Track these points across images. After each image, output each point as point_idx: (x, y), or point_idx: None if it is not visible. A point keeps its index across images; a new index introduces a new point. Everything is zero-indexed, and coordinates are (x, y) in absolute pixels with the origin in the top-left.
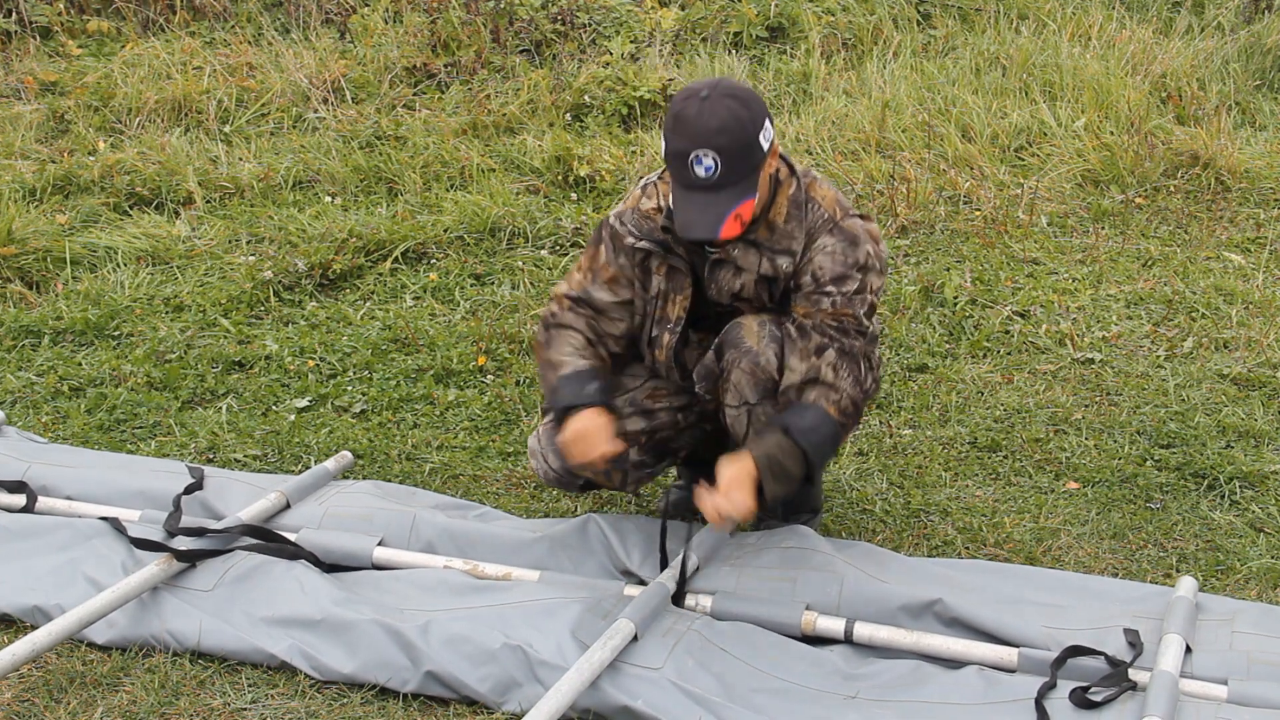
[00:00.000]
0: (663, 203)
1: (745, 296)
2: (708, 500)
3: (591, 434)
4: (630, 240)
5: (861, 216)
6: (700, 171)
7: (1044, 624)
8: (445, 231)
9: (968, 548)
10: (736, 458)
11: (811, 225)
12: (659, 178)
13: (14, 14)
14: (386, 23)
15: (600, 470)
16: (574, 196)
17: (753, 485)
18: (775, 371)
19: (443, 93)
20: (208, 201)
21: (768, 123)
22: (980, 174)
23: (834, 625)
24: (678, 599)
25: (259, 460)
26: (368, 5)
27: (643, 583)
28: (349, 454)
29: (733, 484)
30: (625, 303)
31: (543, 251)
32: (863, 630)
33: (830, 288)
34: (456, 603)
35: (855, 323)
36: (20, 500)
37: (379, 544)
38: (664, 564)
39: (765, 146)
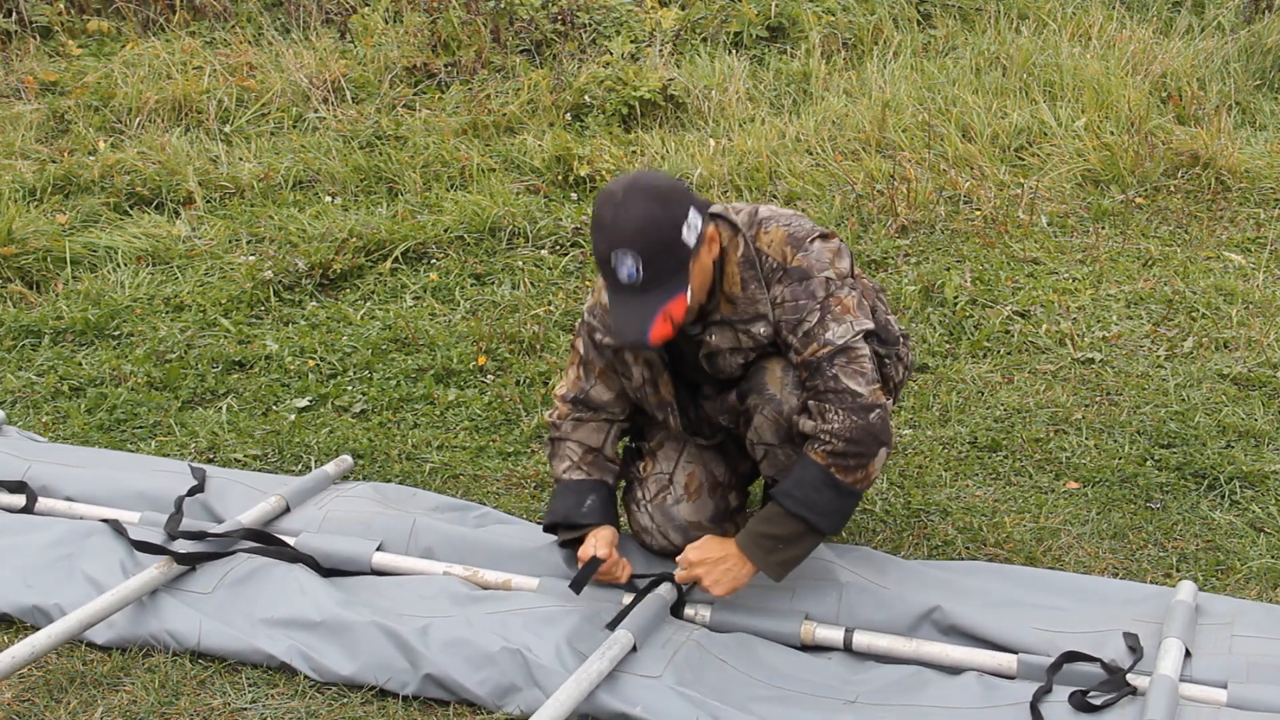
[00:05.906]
0: None
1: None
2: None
3: (612, 562)
4: (598, 337)
5: (821, 236)
6: (623, 275)
7: (1044, 628)
8: (445, 231)
9: (968, 548)
10: (716, 541)
11: (767, 279)
12: None
13: (14, 14)
14: (386, 23)
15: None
16: (574, 196)
17: (727, 565)
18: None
19: (443, 93)
20: (208, 201)
21: (692, 214)
22: (980, 174)
23: (833, 635)
24: (677, 610)
25: (259, 460)
26: (368, 5)
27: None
28: (349, 458)
29: (698, 564)
30: (623, 393)
31: (543, 251)
32: (862, 639)
33: (790, 338)
34: (455, 611)
35: (827, 351)
36: (20, 500)
37: (378, 549)
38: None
39: (691, 242)
